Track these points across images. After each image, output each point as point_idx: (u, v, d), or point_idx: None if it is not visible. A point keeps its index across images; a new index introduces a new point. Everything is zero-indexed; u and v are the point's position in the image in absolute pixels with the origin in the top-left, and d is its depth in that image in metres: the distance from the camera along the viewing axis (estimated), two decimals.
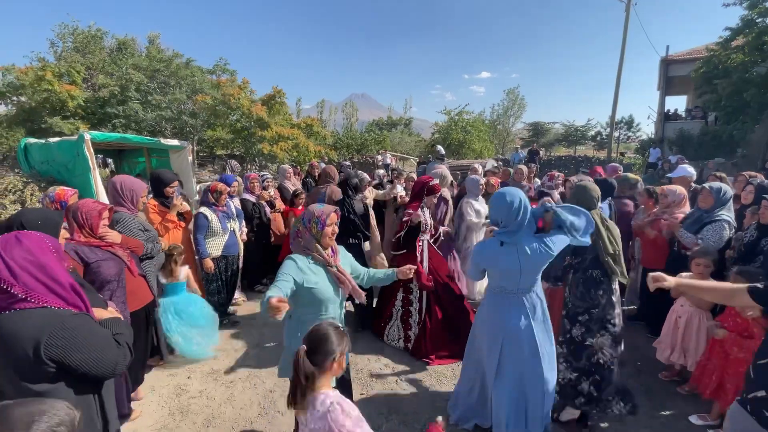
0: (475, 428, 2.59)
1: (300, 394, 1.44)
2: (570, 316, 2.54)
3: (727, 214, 3.13)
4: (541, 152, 20.55)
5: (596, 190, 2.54)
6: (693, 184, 4.13)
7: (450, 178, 4.86)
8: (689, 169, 4.14)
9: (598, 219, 2.43)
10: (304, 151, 13.59)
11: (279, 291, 1.81)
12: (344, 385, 2.32)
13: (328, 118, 33.85)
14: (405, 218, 3.56)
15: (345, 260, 2.27)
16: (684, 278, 1.90)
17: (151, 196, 3.69)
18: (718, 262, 2.91)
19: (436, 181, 3.79)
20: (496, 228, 2.33)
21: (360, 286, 2.25)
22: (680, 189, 3.46)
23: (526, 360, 2.29)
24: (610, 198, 3.72)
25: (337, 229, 2.16)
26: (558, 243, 2.21)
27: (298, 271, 1.98)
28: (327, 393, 1.46)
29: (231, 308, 4.30)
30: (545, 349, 2.32)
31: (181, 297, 3.37)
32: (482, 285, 4.76)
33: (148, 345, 2.89)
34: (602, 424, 2.66)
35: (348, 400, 1.50)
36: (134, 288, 2.67)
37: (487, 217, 4.83)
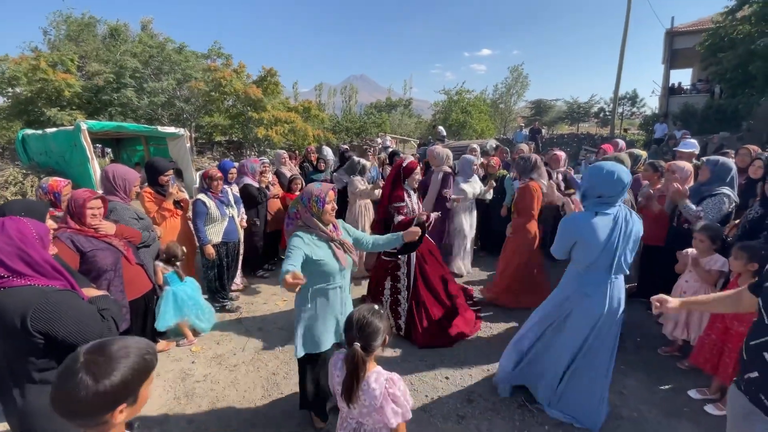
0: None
1: (357, 388, 1.48)
2: None
3: (728, 189, 3.08)
4: (543, 130, 20.24)
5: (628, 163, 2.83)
6: (694, 160, 4.08)
7: (450, 155, 4.83)
8: (695, 143, 4.09)
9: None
10: (302, 135, 13.47)
11: (294, 266, 1.87)
12: None
13: (327, 101, 33.44)
14: (397, 219, 3.52)
15: (345, 231, 2.38)
16: (688, 299, 1.80)
17: (147, 184, 3.68)
18: (722, 239, 2.87)
19: (410, 159, 3.73)
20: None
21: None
22: (687, 165, 3.41)
23: (579, 344, 2.34)
24: None
25: (336, 206, 2.26)
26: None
27: (305, 245, 2.08)
28: (377, 371, 1.54)
29: (233, 294, 4.34)
30: (608, 343, 2.32)
31: (183, 284, 3.44)
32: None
33: (147, 332, 2.92)
34: None
35: (395, 373, 1.58)
36: (132, 277, 2.68)
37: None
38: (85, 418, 0.93)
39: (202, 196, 3.76)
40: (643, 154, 4.17)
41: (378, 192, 5.04)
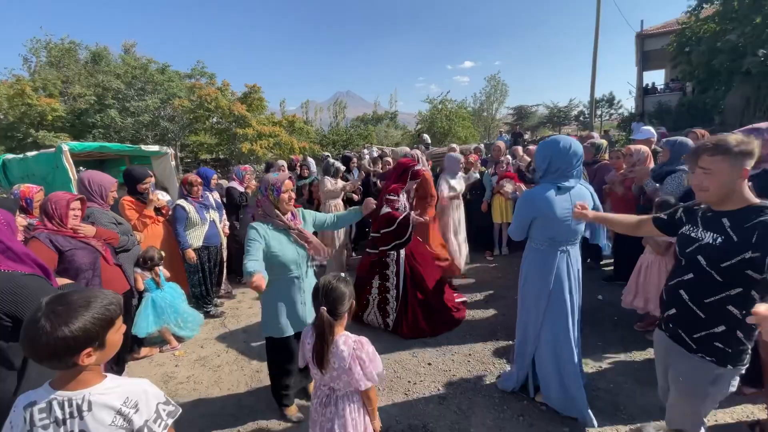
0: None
1: (327, 351, 1.52)
2: None
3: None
4: (526, 135, 20.65)
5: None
6: (655, 146, 4.25)
7: (416, 156, 5.00)
8: (651, 131, 4.26)
9: None
10: (287, 148, 13.56)
11: (257, 263, 1.92)
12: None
13: (314, 118, 33.74)
14: (386, 211, 3.56)
15: (308, 219, 2.45)
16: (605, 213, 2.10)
17: (126, 193, 3.71)
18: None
19: (421, 167, 3.77)
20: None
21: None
22: (644, 147, 3.57)
23: (565, 318, 2.30)
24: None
25: (293, 195, 2.32)
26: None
27: (260, 237, 2.14)
28: (345, 334, 1.59)
29: (217, 300, 4.33)
30: (577, 306, 2.36)
31: (162, 291, 3.47)
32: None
33: (127, 335, 2.92)
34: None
35: (363, 337, 1.62)
36: (110, 277, 2.69)
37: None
38: (52, 360, 1.00)
39: (181, 201, 3.80)
40: (604, 142, 4.33)
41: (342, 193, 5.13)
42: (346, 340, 1.55)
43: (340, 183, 5.07)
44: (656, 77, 23.95)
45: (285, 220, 2.25)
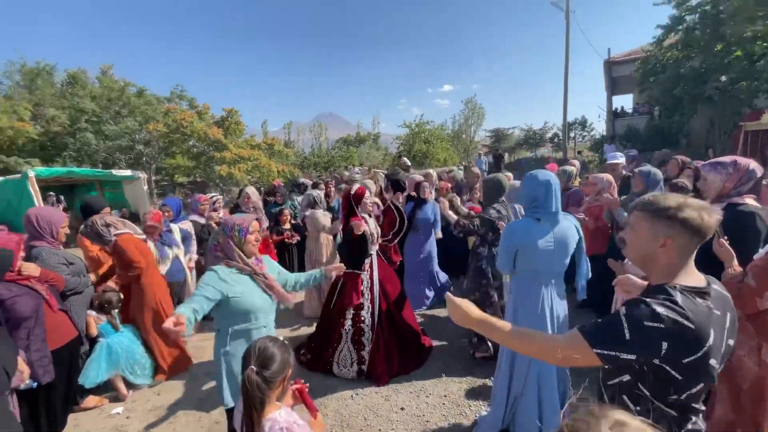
0: None
1: (257, 421, 1.34)
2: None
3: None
4: (505, 156, 21.09)
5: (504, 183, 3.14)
6: (624, 171, 4.31)
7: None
8: (619, 155, 4.33)
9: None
10: (266, 171, 13.41)
11: (185, 309, 1.76)
12: None
13: (297, 139, 33.80)
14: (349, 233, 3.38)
15: (272, 268, 2.29)
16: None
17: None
18: None
19: (357, 186, 3.61)
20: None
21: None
22: (607, 176, 3.61)
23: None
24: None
25: (260, 237, 2.17)
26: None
27: (220, 281, 1.95)
28: (274, 418, 1.37)
29: (184, 338, 4.09)
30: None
31: (119, 335, 3.24)
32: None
33: (72, 386, 2.68)
34: None
35: (299, 422, 1.42)
36: (55, 324, 2.49)
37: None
38: None
39: None
40: (574, 169, 4.37)
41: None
42: (273, 426, 1.35)
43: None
44: (625, 101, 25.01)
45: (250, 264, 2.06)
